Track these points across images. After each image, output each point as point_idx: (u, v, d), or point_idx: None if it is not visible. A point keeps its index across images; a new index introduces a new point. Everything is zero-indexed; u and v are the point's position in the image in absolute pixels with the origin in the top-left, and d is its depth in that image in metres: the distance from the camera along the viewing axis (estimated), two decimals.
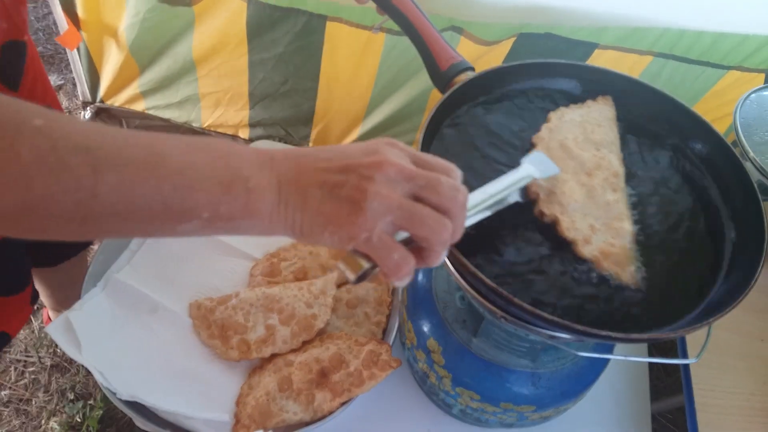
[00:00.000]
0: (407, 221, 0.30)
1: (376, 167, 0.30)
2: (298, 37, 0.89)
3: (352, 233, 0.30)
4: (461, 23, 0.81)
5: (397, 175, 0.30)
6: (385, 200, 0.29)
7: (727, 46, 0.78)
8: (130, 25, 0.89)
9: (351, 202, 0.29)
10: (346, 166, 0.30)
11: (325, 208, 0.30)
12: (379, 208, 0.29)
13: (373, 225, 0.29)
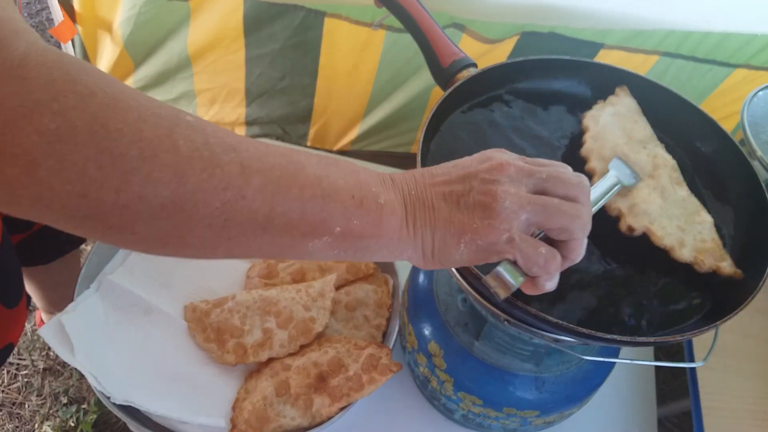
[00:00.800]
0: (543, 215, 0.29)
1: (496, 169, 0.30)
2: (295, 33, 0.88)
3: (492, 238, 0.29)
4: (463, 21, 0.80)
5: (518, 173, 0.30)
6: (515, 197, 0.29)
7: (734, 44, 0.77)
8: (126, 19, 0.88)
9: (482, 206, 0.29)
10: (466, 174, 0.30)
11: (456, 219, 0.30)
12: (512, 206, 0.29)
13: (510, 224, 0.29)
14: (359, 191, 0.29)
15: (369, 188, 0.30)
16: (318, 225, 0.28)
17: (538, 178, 0.30)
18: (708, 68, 0.82)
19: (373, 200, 0.29)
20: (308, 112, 1.05)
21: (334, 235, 0.29)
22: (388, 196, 0.30)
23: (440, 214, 0.30)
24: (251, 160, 0.27)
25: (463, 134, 0.46)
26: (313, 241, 0.29)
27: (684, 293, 0.40)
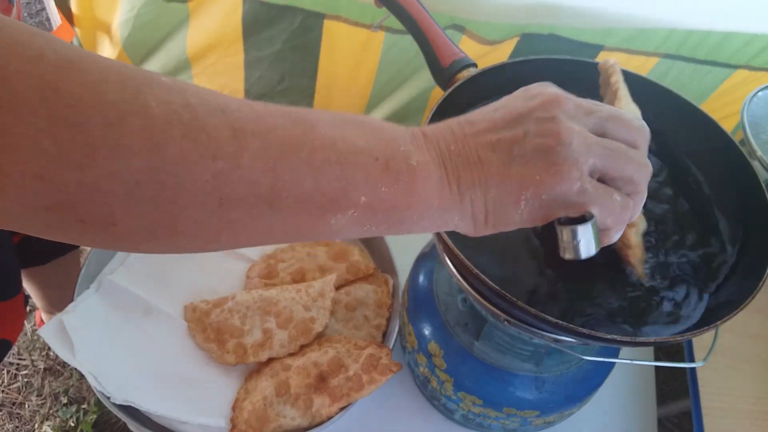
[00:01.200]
0: (611, 159, 0.25)
1: (552, 105, 0.25)
2: (295, 34, 0.88)
3: (561, 189, 0.24)
4: (463, 21, 0.80)
5: (577, 109, 0.26)
6: (581, 137, 0.24)
7: (735, 45, 0.77)
8: (125, 21, 0.88)
9: (544, 152, 0.24)
10: (516, 116, 0.25)
11: (512, 172, 0.25)
12: (579, 147, 0.24)
13: (581, 170, 0.24)
14: (384, 151, 0.24)
15: (396, 147, 0.25)
16: (338, 195, 0.24)
17: (598, 117, 0.25)
18: (708, 69, 0.82)
19: (403, 161, 0.25)
20: None
21: (360, 206, 0.24)
22: (421, 156, 0.25)
23: (491, 169, 0.25)
24: (245, 121, 0.22)
25: None
26: (336, 215, 0.24)
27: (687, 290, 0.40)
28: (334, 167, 0.23)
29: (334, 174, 0.23)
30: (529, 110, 0.25)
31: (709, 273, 0.41)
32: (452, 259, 0.39)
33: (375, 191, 0.24)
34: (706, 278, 0.41)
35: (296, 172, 0.23)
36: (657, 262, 0.41)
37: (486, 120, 0.26)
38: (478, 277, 0.35)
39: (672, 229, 0.43)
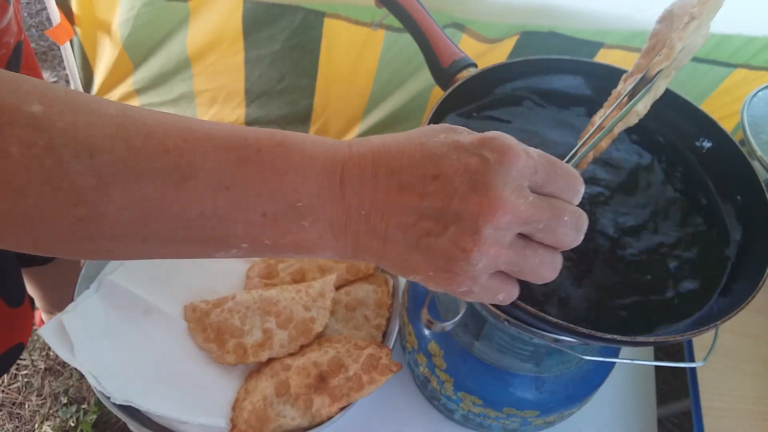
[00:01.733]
0: (516, 273, 0.25)
1: (485, 216, 0.22)
2: (295, 33, 0.88)
3: (448, 289, 0.25)
4: (463, 20, 0.80)
5: (511, 223, 0.23)
6: (492, 259, 0.23)
7: (734, 44, 0.77)
8: (125, 20, 0.88)
9: (447, 259, 0.23)
10: (444, 210, 0.23)
11: (410, 258, 0.24)
12: (483, 268, 0.23)
13: (474, 284, 0.24)
14: (276, 207, 0.23)
15: (293, 202, 0.23)
16: (215, 242, 0.23)
17: (531, 227, 0.24)
18: (708, 68, 0.82)
19: (294, 221, 0.23)
20: (308, 113, 1.05)
21: (242, 249, 0.24)
22: (322, 214, 0.23)
23: (392, 248, 0.24)
24: (114, 166, 0.21)
25: None
26: (218, 252, 0.24)
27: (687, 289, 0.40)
28: (210, 220, 0.22)
29: (210, 227, 0.23)
30: (460, 212, 0.23)
31: (708, 273, 0.41)
32: None
33: (258, 241, 0.23)
34: (705, 278, 0.41)
35: (167, 224, 0.22)
36: (657, 261, 0.41)
37: (417, 189, 0.23)
38: None
39: (671, 228, 0.43)
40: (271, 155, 0.23)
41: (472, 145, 0.23)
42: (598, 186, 0.45)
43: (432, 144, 0.24)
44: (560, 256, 0.26)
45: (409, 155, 0.23)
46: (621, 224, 0.43)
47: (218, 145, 0.23)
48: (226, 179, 0.22)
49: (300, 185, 0.23)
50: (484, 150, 0.23)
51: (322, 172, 0.23)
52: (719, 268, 0.41)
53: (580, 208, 0.25)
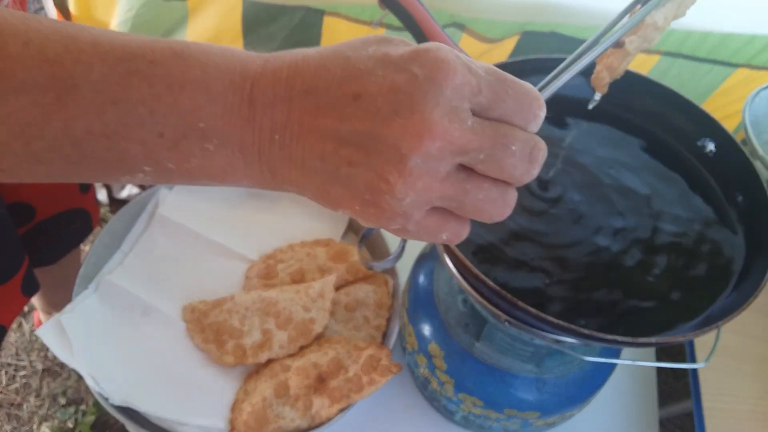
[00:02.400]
0: (457, 210, 0.22)
1: (410, 143, 0.19)
2: (294, 32, 0.87)
3: (379, 225, 0.22)
4: (463, 20, 0.79)
5: (442, 151, 0.19)
6: (421, 193, 0.20)
7: (735, 44, 0.77)
8: (123, 21, 0.87)
9: (372, 192, 0.20)
10: (366, 135, 0.20)
11: (332, 190, 0.21)
12: (413, 203, 0.20)
13: (407, 221, 0.21)
14: (176, 126, 0.20)
15: (194, 122, 0.20)
16: (110, 162, 0.21)
17: (471, 157, 0.20)
18: (709, 68, 0.81)
19: (197, 144, 0.20)
20: None
21: (147, 173, 0.21)
22: (229, 138, 0.20)
23: (312, 179, 0.21)
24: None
25: None
26: (121, 175, 0.21)
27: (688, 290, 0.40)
28: (99, 138, 0.20)
29: (100, 145, 0.20)
30: (384, 136, 0.19)
31: (710, 273, 0.41)
32: (453, 260, 0.38)
33: (161, 165, 0.21)
34: (707, 278, 0.40)
35: (51, 142, 0.20)
36: (658, 261, 0.41)
37: (335, 111, 0.20)
38: (479, 277, 0.35)
39: (673, 229, 0.43)
40: (166, 67, 0.20)
41: (402, 58, 0.20)
42: (597, 186, 0.45)
43: (358, 58, 0.20)
44: (512, 190, 0.22)
45: (330, 71, 0.20)
46: (622, 225, 0.43)
47: (105, 55, 0.20)
48: (113, 93, 0.20)
49: (201, 103, 0.20)
50: (414, 65, 0.19)
51: (228, 88, 0.20)
52: (721, 270, 0.41)
53: (538, 136, 0.22)
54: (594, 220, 0.42)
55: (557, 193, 0.44)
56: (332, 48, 0.21)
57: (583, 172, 0.45)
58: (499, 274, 0.39)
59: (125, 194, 1.23)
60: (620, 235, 0.42)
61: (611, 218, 0.43)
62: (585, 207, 0.43)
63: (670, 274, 0.40)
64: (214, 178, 0.22)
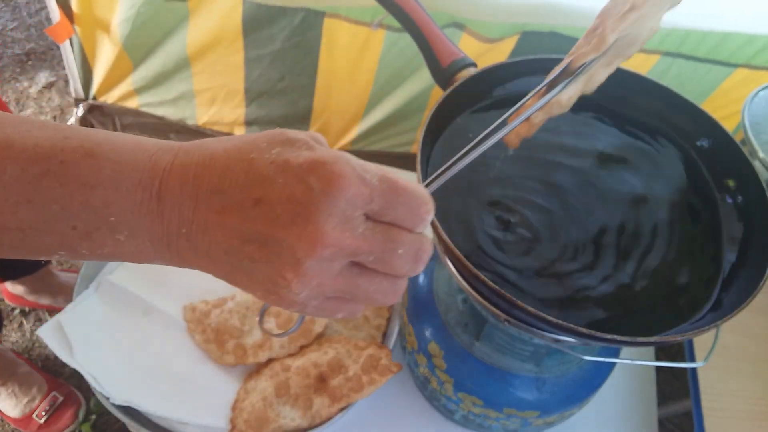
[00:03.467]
0: (350, 298, 0.24)
1: (305, 249, 0.21)
2: (295, 33, 0.87)
3: (279, 306, 0.24)
4: (463, 20, 0.80)
5: (335, 255, 0.22)
6: (315, 289, 0.22)
7: (735, 44, 0.77)
8: (124, 20, 0.88)
9: (271, 284, 0.22)
10: (267, 236, 0.21)
11: (238, 279, 0.23)
12: (309, 296, 0.23)
13: (304, 308, 0.24)
14: (87, 220, 0.22)
15: (104, 217, 0.22)
16: (28, 250, 0.22)
17: (361, 258, 0.23)
18: (709, 68, 0.82)
19: (110, 235, 0.22)
20: (308, 112, 1.05)
21: (60, 255, 0.23)
22: (139, 230, 0.22)
23: (218, 267, 0.23)
24: None
25: (463, 134, 0.46)
26: (39, 256, 0.23)
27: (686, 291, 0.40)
28: (15, 233, 0.21)
29: (16, 237, 0.22)
30: (280, 239, 0.21)
31: (710, 273, 0.41)
32: (452, 260, 0.38)
33: (75, 251, 0.22)
34: (707, 278, 0.41)
35: None
36: (658, 261, 0.41)
37: (239, 213, 0.22)
38: (478, 277, 0.35)
39: (672, 228, 0.43)
40: (77, 167, 0.21)
41: (302, 168, 0.21)
42: (599, 186, 0.45)
43: (261, 162, 0.22)
44: (402, 281, 0.25)
45: (235, 174, 0.22)
46: (621, 224, 0.43)
47: (18, 155, 0.21)
48: (26, 193, 0.21)
49: (112, 200, 0.22)
50: (311, 177, 0.21)
51: (138, 186, 0.22)
52: (720, 269, 0.41)
53: (426, 236, 0.24)
54: (592, 220, 0.43)
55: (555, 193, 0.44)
56: (238, 147, 0.23)
57: (582, 171, 0.45)
58: (498, 273, 0.39)
59: None
60: (618, 234, 0.42)
61: (608, 217, 0.43)
62: (583, 206, 0.43)
63: (668, 273, 0.40)
64: (128, 260, 0.24)
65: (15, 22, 1.70)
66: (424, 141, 0.42)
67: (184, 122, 1.10)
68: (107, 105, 1.10)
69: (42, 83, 1.54)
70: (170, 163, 0.22)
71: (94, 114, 1.13)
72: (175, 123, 1.09)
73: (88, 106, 1.12)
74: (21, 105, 1.49)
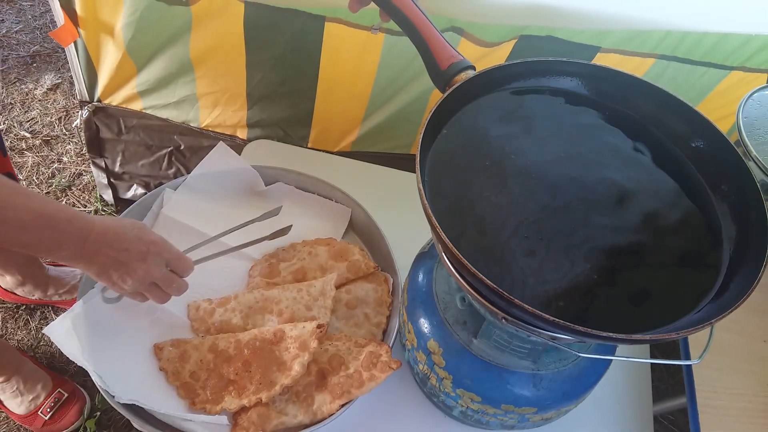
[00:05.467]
0: (145, 295, 0.56)
1: (141, 270, 0.52)
2: (296, 37, 0.88)
3: (113, 287, 0.53)
4: (462, 24, 0.80)
5: (148, 277, 0.53)
6: (135, 286, 0.53)
7: (730, 46, 0.78)
8: (128, 23, 0.88)
9: (119, 280, 0.52)
10: (126, 263, 0.51)
11: (101, 276, 0.52)
12: (130, 287, 0.53)
13: (127, 291, 0.54)
14: (53, 247, 0.48)
15: (60, 248, 0.49)
16: (18, 245, 0.47)
17: (157, 280, 0.54)
18: (704, 71, 0.82)
19: (58, 254, 0.49)
20: (309, 115, 1.06)
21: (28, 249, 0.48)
22: (71, 253, 0.49)
23: (95, 269, 0.51)
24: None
25: (461, 135, 0.47)
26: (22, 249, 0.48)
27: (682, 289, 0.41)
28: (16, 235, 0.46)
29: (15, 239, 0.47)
30: (134, 266, 0.52)
31: (704, 272, 0.41)
32: (451, 258, 0.39)
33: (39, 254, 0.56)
34: (701, 277, 0.41)
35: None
36: (653, 260, 0.41)
37: (114, 253, 0.51)
38: (476, 275, 0.36)
39: (668, 228, 0.44)
40: (58, 226, 0.49)
41: (147, 239, 0.53)
42: (597, 186, 0.45)
43: (130, 234, 0.52)
44: (167, 296, 0.56)
45: (117, 237, 0.51)
46: (616, 224, 0.43)
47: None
48: (32, 231, 0.46)
49: (66, 244, 0.49)
50: (150, 245, 0.53)
51: (78, 239, 0.49)
52: (715, 268, 0.42)
53: (185, 281, 0.57)
54: (591, 219, 0.43)
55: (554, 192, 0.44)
56: (120, 226, 0.52)
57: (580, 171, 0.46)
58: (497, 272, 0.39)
59: (130, 195, 1.25)
60: (615, 233, 0.42)
61: (606, 218, 0.43)
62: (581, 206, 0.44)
63: (663, 272, 0.41)
64: (58, 260, 0.53)
65: (20, 25, 1.71)
66: (423, 143, 0.43)
67: (188, 124, 1.10)
68: (112, 107, 1.11)
69: (47, 85, 1.55)
70: (91, 231, 0.49)
71: (98, 116, 1.14)
72: (179, 125, 1.10)
73: (92, 108, 1.12)
74: (26, 107, 1.50)
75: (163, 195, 0.69)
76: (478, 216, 0.42)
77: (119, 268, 0.51)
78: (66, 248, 0.48)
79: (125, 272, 0.51)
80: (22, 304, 1.10)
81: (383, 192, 0.75)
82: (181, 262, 0.55)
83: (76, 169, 1.38)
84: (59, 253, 0.48)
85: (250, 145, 0.89)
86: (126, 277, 0.51)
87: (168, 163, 1.18)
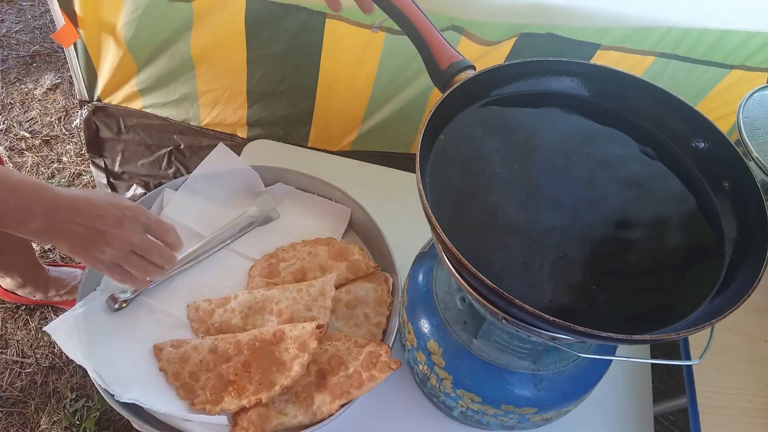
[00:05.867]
0: (125, 269, 0.53)
1: (118, 237, 0.50)
2: (296, 34, 0.88)
3: (87, 262, 0.51)
4: (462, 23, 0.80)
5: (127, 244, 0.51)
6: (113, 255, 0.50)
7: (731, 44, 0.77)
8: (129, 21, 0.88)
9: (95, 251, 0.50)
10: (103, 231, 0.49)
11: (75, 249, 0.50)
12: (107, 258, 0.50)
13: (103, 264, 0.51)
14: (22, 218, 0.47)
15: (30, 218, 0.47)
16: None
17: (139, 249, 0.52)
18: (704, 69, 0.82)
19: (27, 225, 0.47)
20: (309, 114, 1.06)
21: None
22: (40, 224, 0.47)
23: (67, 243, 0.49)
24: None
25: (462, 135, 0.47)
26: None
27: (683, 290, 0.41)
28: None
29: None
30: (110, 233, 0.49)
31: (705, 272, 0.41)
32: (451, 258, 0.39)
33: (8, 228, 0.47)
34: (702, 277, 0.41)
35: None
36: (654, 260, 0.41)
37: (87, 221, 0.48)
38: (476, 275, 0.36)
39: (668, 228, 0.44)
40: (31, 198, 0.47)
41: (120, 204, 0.51)
42: (597, 186, 0.45)
43: (102, 200, 0.50)
44: (153, 266, 0.54)
45: (91, 204, 0.49)
46: (618, 224, 0.43)
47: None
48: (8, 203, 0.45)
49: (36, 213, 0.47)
50: (126, 210, 0.51)
51: (47, 209, 0.47)
52: (715, 268, 0.42)
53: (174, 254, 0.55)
54: (591, 219, 0.43)
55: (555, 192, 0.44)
56: (91, 194, 0.50)
57: (580, 171, 0.46)
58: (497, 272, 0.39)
59: (129, 195, 1.25)
60: (615, 233, 0.42)
61: (606, 217, 0.43)
62: (581, 206, 0.44)
63: (664, 271, 0.41)
64: (24, 235, 0.47)
65: (19, 25, 1.71)
66: (422, 143, 0.43)
67: (188, 123, 1.10)
68: (112, 106, 1.11)
69: (47, 85, 1.55)
70: (60, 200, 0.47)
71: (98, 115, 1.14)
72: (179, 124, 1.10)
73: (92, 107, 1.12)
74: (26, 106, 1.50)
75: (163, 195, 0.69)
76: (478, 216, 0.42)
77: (96, 237, 0.48)
78: (36, 219, 0.45)
79: (102, 241, 0.48)
80: (22, 305, 1.10)
81: (383, 192, 0.75)
82: (161, 226, 0.52)
83: (75, 169, 1.38)
84: (29, 225, 0.45)
85: (249, 145, 0.89)
86: (104, 247, 0.48)
87: (168, 162, 1.18)
